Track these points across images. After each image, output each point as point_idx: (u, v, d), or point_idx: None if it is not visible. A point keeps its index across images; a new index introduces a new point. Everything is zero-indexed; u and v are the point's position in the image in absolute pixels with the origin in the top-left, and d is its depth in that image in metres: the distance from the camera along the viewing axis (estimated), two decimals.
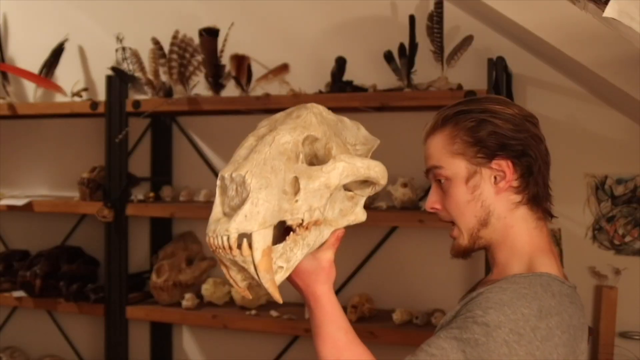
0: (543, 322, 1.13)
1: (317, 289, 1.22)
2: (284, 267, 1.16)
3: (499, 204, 1.28)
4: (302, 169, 1.15)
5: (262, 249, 1.09)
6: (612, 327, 2.48)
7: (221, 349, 3.06)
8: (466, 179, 1.28)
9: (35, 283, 3.01)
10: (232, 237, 1.07)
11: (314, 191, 1.14)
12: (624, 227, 2.52)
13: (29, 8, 3.38)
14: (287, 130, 1.15)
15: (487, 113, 1.29)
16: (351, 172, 1.18)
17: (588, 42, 2.09)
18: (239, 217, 1.07)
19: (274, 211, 1.09)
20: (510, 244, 1.29)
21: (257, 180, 1.08)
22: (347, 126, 1.31)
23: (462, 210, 1.28)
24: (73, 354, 3.32)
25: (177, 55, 2.79)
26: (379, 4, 2.77)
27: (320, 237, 1.21)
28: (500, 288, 1.19)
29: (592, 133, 2.57)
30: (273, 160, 1.11)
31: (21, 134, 3.44)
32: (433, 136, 1.32)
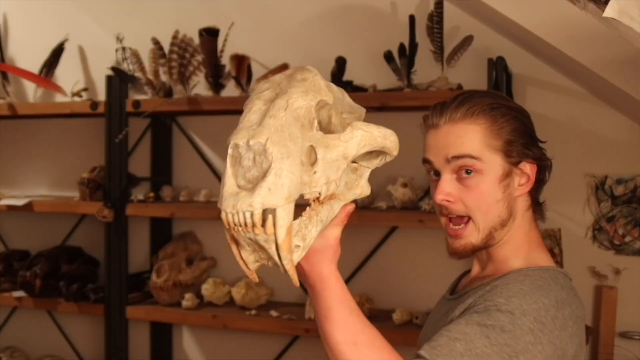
0: (560, 312, 1.15)
1: (323, 269, 1.13)
2: (301, 245, 1.07)
3: (518, 206, 1.28)
4: (318, 137, 1.05)
5: (286, 226, 0.97)
6: (612, 327, 2.48)
7: (221, 349, 3.06)
8: (501, 177, 1.24)
9: (35, 283, 3.01)
10: (257, 213, 0.96)
11: (331, 162, 1.05)
12: (624, 227, 2.52)
13: (29, 8, 3.38)
14: (300, 94, 1.04)
15: (516, 111, 1.28)
16: (369, 142, 1.09)
17: (588, 42, 2.09)
18: (263, 191, 0.95)
19: (297, 183, 0.99)
20: (513, 243, 1.29)
21: (278, 149, 0.97)
22: (335, 94, 1.20)
23: (488, 209, 1.25)
24: (73, 354, 3.32)
25: (177, 55, 2.79)
26: (379, 4, 2.77)
27: (332, 212, 1.12)
28: (516, 280, 1.19)
29: (592, 133, 2.57)
30: (290, 127, 1.00)
31: (21, 134, 3.44)
32: (463, 123, 1.25)
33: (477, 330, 1.09)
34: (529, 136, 1.28)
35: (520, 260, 1.27)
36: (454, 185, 1.25)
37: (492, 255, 1.30)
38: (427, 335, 1.33)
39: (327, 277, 1.13)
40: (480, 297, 1.19)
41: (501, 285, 1.19)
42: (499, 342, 1.08)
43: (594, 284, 2.56)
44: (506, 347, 1.07)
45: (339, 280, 1.14)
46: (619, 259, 2.53)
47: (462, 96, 1.29)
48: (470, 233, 1.27)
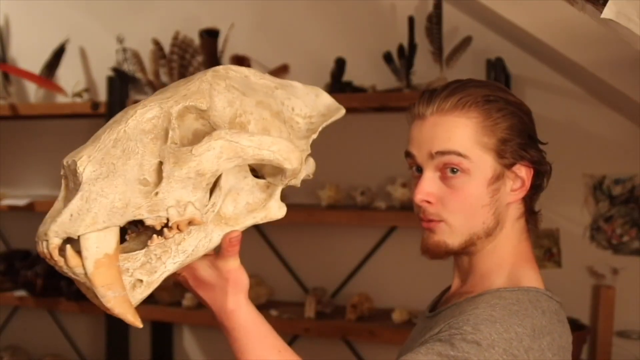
0: (536, 342, 1.00)
1: (227, 302, 0.98)
2: (145, 280, 0.91)
3: (507, 214, 1.12)
4: (169, 151, 0.87)
5: (94, 258, 0.84)
6: (610, 326, 2.49)
7: (222, 349, 3.06)
8: (490, 180, 1.09)
9: (37, 282, 3.02)
10: (52, 242, 0.84)
11: (181, 180, 0.87)
12: (622, 227, 2.54)
13: (31, 9, 3.39)
14: (158, 102, 0.89)
15: (514, 105, 1.12)
16: (234, 154, 0.89)
17: (586, 43, 2.09)
18: (62, 217, 0.83)
19: (115, 208, 0.83)
20: (498, 255, 1.13)
21: (93, 169, 0.84)
22: (297, 93, 1.03)
23: (472, 213, 1.09)
24: (74, 353, 3.33)
25: (178, 56, 2.80)
26: (378, 4, 2.78)
27: (207, 240, 0.94)
28: (488, 303, 1.04)
29: (590, 133, 2.58)
30: (128, 141, 0.86)
31: (22, 135, 3.45)
32: (452, 115, 1.09)
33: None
34: (527, 136, 1.11)
35: (502, 277, 1.11)
36: (436, 185, 1.10)
37: (474, 265, 1.14)
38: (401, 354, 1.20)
39: (234, 312, 0.99)
40: (446, 322, 1.04)
41: (470, 309, 1.04)
42: None
43: (592, 284, 2.57)
44: None
45: (251, 314, 0.99)
46: (616, 258, 2.54)
47: (454, 85, 1.12)
48: (444, 231, 1.10)
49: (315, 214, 2.60)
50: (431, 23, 2.54)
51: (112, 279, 0.85)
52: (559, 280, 2.58)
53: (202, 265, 0.98)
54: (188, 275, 1.01)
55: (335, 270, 2.85)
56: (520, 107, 1.13)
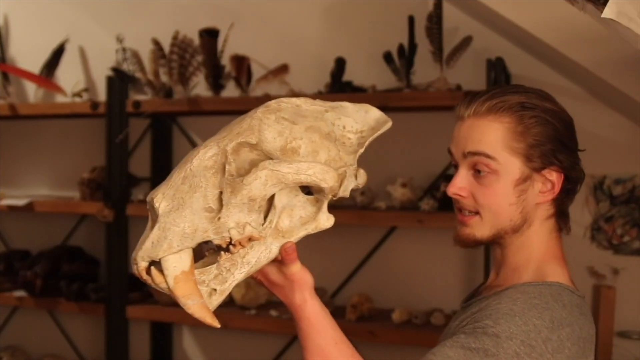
0: (555, 333, 1.09)
1: (294, 298, 1.15)
2: (218, 289, 1.09)
3: (537, 214, 1.21)
4: (227, 182, 1.06)
5: (173, 275, 1.04)
6: (610, 326, 2.49)
7: (221, 349, 3.07)
8: (517, 181, 1.17)
9: (36, 283, 3.02)
10: (140, 265, 1.04)
11: (238, 205, 1.06)
12: (622, 227, 2.53)
13: (30, 9, 3.39)
14: (216, 141, 1.08)
15: (550, 113, 1.20)
16: (277, 180, 1.07)
17: (586, 43, 2.09)
18: (146, 244, 1.03)
19: (185, 234, 1.03)
20: (528, 251, 1.22)
21: (166, 203, 1.04)
22: (348, 112, 1.18)
23: (500, 210, 1.18)
24: (73, 354, 3.33)
25: (177, 55, 2.80)
26: (378, 4, 2.78)
27: (267, 252, 1.11)
28: (510, 298, 1.13)
29: (590, 133, 2.58)
30: (193, 178, 1.05)
31: (22, 135, 3.45)
32: (486, 119, 1.18)
33: (461, 354, 1.06)
34: (560, 142, 1.18)
35: (530, 272, 1.20)
36: (468, 180, 1.20)
37: (506, 259, 1.24)
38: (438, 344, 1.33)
39: (300, 307, 1.15)
40: (471, 315, 1.15)
41: (494, 304, 1.13)
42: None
43: (593, 284, 2.56)
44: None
45: (314, 307, 1.14)
46: (617, 258, 2.54)
47: (496, 90, 1.22)
48: (475, 224, 1.20)
49: None
50: (431, 23, 2.54)
51: (190, 291, 1.05)
52: None
53: (272, 270, 1.15)
54: (262, 279, 1.18)
55: (335, 270, 2.85)
56: (558, 114, 1.21)
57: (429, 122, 2.71)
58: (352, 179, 1.19)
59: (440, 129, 2.69)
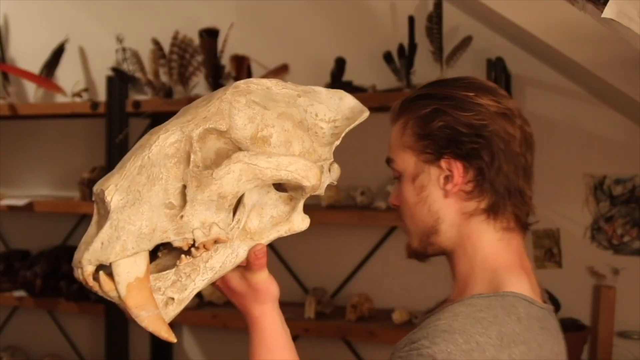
0: (504, 352, 0.94)
1: (254, 309, 1.04)
2: (176, 298, 0.94)
3: (449, 209, 1.08)
4: (192, 175, 0.91)
5: (126, 282, 0.88)
6: (610, 326, 2.49)
7: (221, 349, 3.07)
8: (413, 177, 1.10)
9: (36, 283, 3.02)
10: (86, 270, 0.88)
11: (204, 203, 0.91)
12: (623, 227, 2.53)
13: (30, 9, 3.39)
14: (179, 125, 0.92)
15: (448, 101, 1.08)
16: (253, 176, 0.93)
17: (587, 43, 2.09)
18: (94, 245, 0.87)
19: (142, 234, 0.88)
20: (470, 256, 1.09)
21: (120, 197, 0.88)
22: (321, 98, 1.04)
23: (412, 212, 1.11)
24: (74, 354, 3.33)
25: (177, 55, 2.79)
26: (378, 4, 2.78)
27: (234, 256, 0.97)
28: (452, 313, 0.99)
29: (590, 133, 2.58)
30: (152, 167, 0.89)
31: (22, 135, 3.45)
32: (393, 123, 1.15)
33: None
34: (454, 129, 1.06)
35: (484, 282, 1.06)
36: (395, 189, 1.16)
37: (454, 269, 1.13)
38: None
39: (258, 319, 1.04)
40: (411, 333, 1.02)
41: (433, 320, 1.00)
42: None
43: (593, 284, 2.56)
44: None
45: (272, 323, 1.05)
46: (617, 258, 2.54)
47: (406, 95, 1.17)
48: (407, 234, 1.16)
49: (315, 214, 2.58)
50: (431, 23, 2.54)
51: (144, 300, 0.90)
52: (559, 281, 2.58)
53: (233, 277, 1.02)
54: (222, 285, 1.06)
55: (335, 271, 2.85)
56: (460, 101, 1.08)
57: None
58: (327, 174, 1.05)
59: None
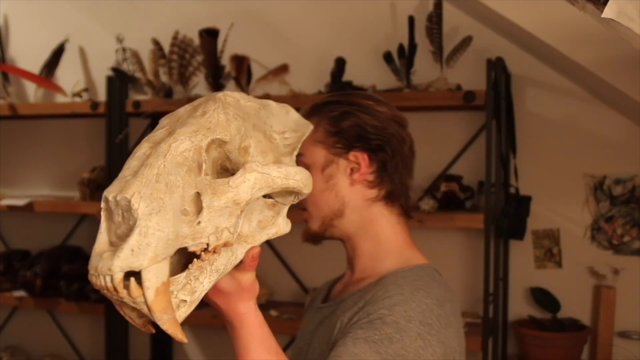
0: (442, 309, 1.16)
1: (239, 306, 1.09)
2: (188, 300, 0.98)
3: (353, 195, 1.28)
4: (206, 183, 0.96)
5: (155, 287, 0.91)
6: (610, 326, 2.49)
7: (221, 349, 3.07)
8: (322, 167, 1.28)
9: (36, 283, 3.02)
10: (116, 277, 0.89)
11: (220, 209, 0.96)
12: (623, 227, 2.53)
13: (30, 9, 3.39)
14: (187, 135, 0.96)
15: (355, 106, 1.30)
16: (265, 184, 1.00)
17: (587, 43, 2.09)
18: (124, 252, 0.88)
19: (169, 240, 0.91)
20: (373, 236, 1.30)
21: (146, 204, 0.90)
22: (273, 112, 1.12)
23: (316, 198, 1.27)
24: (74, 354, 3.33)
25: (177, 55, 2.80)
26: (378, 4, 2.78)
27: (233, 258, 1.03)
28: (395, 284, 1.19)
29: (590, 133, 2.58)
30: (168, 176, 0.92)
31: (22, 135, 3.45)
32: None
33: (366, 347, 1.08)
34: (358, 127, 1.28)
35: (394, 260, 1.28)
36: None
37: (356, 250, 1.31)
38: (302, 349, 1.33)
39: (244, 314, 1.09)
40: (361, 310, 1.17)
41: (381, 294, 1.17)
42: (390, 355, 1.07)
43: (593, 284, 2.56)
44: (398, 357, 1.07)
45: (258, 318, 1.10)
46: (617, 258, 2.54)
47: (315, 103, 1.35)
48: (309, 219, 1.30)
49: None
50: (431, 23, 2.54)
51: (167, 304, 0.93)
52: (559, 281, 2.58)
53: (224, 277, 1.07)
54: None
55: (335, 271, 2.84)
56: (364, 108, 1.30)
57: (428, 122, 2.71)
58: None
59: (440, 129, 2.69)
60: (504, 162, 2.56)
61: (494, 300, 2.41)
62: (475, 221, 2.39)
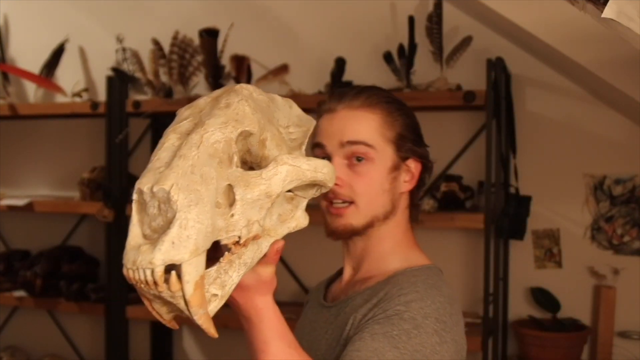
0: (453, 307, 1.18)
1: (257, 301, 1.07)
2: (219, 294, 0.95)
3: (400, 202, 1.28)
4: (237, 175, 0.94)
5: (194, 281, 0.88)
6: (610, 326, 2.49)
7: (221, 349, 3.07)
8: (390, 169, 1.25)
9: (36, 283, 3.02)
10: (158, 270, 0.87)
11: (252, 202, 0.95)
12: (623, 227, 2.53)
13: (30, 9, 3.39)
14: (218, 126, 0.94)
15: (407, 108, 1.31)
16: (296, 177, 1.00)
17: (587, 43, 2.09)
18: (165, 245, 0.86)
19: (207, 233, 0.89)
20: (392, 240, 1.28)
21: (184, 196, 0.87)
22: (279, 106, 1.11)
23: (375, 197, 1.24)
24: (73, 354, 3.33)
25: (177, 55, 2.80)
26: (378, 4, 2.78)
27: (259, 251, 1.01)
28: (408, 282, 1.19)
29: (590, 133, 2.58)
30: (203, 167, 0.90)
31: (22, 135, 3.45)
32: (359, 111, 1.25)
33: (385, 342, 1.08)
34: (417, 134, 1.30)
35: (399, 260, 1.27)
36: (344, 171, 1.23)
37: (369, 250, 1.29)
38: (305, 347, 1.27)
39: (263, 309, 1.07)
40: (376, 307, 1.16)
41: (396, 291, 1.17)
42: (408, 350, 1.08)
43: (593, 284, 2.57)
44: (416, 353, 1.08)
45: (276, 312, 1.09)
46: (617, 258, 2.54)
47: (359, 87, 1.31)
48: (351, 214, 1.24)
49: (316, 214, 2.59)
50: (431, 23, 2.54)
51: (203, 298, 0.91)
52: (559, 281, 2.58)
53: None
54: None
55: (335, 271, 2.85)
56: (410, 110, 1.32)
57: (428, 122, 2.68)
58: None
59: (440, 129, 2.69)
60: (504, 162, 2.56)
61: (494, 300, 2.41)
62: (475, 221, 2.39)
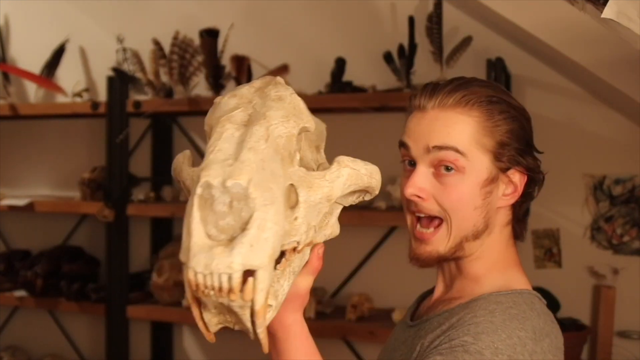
0: (538, 345, 0.98)
1: (287, 317, 0.96)
2: (273, 305, 0.86)
3: (496, 218, 1.09)
4: (301, 175, 0.85)
5: (266, 290, 0.79)
6: (610, 326, 2.49)
7: (221, 349, 3.07)
8: (484, 182, 1.05)
9: (37, 283, 3.02)
10: (237, 276, 0.76)
11: (314, 205, 0.86)
12: (622, 227, 2.53)
13: (30, 9, 3.39)
14: (280, 120, 0.84)
15: (516, 109, 1.10)
16: (355, 181, 0.92)
17: (586, 43, 2.09)
18: (244, 248, 0.76)
19: (281, 237, 0.80)
20: (488, 260, 1.10)
21: (261, 194, 0.78)
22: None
23: (464, 214, 1.05)
24: (74, 353, 3.33)
25: (178, 55, 2.80)
26: (378, 4, 2.78)
27: (303, 259, 0.92)
28: (486, 310, 1.01)
29: (590, 133, 2.58)
30: (271, 163, 0.81)
31: (22, 135, 3.45)
32: (453, 112, 1.06)
33: None
34: (525, 142, 1.09)
35: (493, 281, 1.08)
36: (428, 180, 1.06)
37: (462, 270, 1.11)
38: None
39: (291, 326, 0.97)
40: (444, 334, 1.01)
41: (468, 318, 1.00)
42: None
43: (593, 284, 2.57)
44: None
45: (304, 330, 0.98)
46: (617, 258, 2.54)
47: (459, 81, 1.10)
48: (439, 239, 1.07)
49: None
50: (431, 23, 2.54)
51: (266, 309, 0.82)
52: (559, 281, 2.58)
53: None
54: None
55: (335, 270, 2.85)
56: (523, 112, 1.11)
57: None
58: None
59: None
60: None
61: None
62: None
